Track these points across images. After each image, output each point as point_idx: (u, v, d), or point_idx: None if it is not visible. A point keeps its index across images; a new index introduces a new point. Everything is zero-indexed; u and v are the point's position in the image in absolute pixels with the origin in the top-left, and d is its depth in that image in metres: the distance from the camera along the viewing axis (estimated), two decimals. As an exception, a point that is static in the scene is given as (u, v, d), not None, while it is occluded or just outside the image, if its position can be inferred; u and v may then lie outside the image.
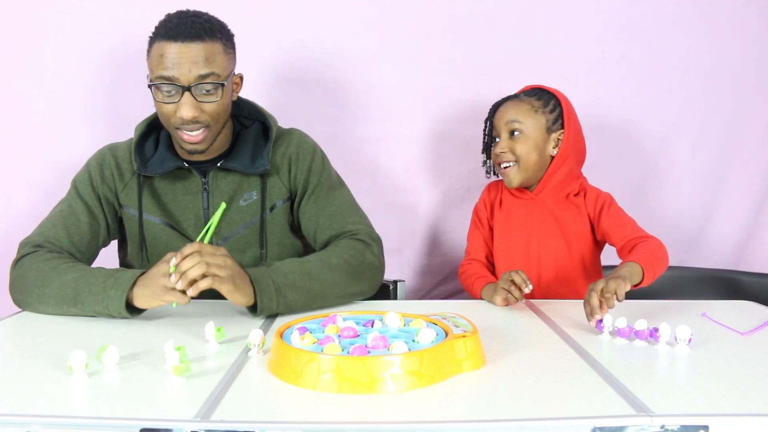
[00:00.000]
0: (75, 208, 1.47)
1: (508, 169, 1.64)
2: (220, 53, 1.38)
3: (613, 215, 1.59)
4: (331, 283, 1.35)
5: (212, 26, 1.37)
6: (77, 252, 1.42)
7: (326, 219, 1.51)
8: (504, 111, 1.65)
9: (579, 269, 1.63)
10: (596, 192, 1.65)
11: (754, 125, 2.03)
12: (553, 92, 1.67)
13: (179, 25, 1.34)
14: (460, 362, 0.98)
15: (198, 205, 1.50)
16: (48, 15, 1.86)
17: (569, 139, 1.63)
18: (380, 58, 1.95)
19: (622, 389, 0.92)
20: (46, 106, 1.89)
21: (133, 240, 1.52)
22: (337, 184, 1.58)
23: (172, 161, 1.48)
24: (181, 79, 1.34)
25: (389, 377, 0.90)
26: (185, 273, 1.16)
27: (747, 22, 1.99)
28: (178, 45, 1.33)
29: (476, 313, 1.36)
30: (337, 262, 1.38)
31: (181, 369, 0.95)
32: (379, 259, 1.48)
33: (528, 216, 1.67)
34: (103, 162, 1.52)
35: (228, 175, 1.50)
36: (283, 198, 1.52)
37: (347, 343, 0.99)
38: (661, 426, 0.81)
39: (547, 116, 1.64)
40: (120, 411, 0.85)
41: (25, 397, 0.90)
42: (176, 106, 1.37)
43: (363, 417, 0.83)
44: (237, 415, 0.83)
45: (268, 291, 1.26)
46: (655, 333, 1.12)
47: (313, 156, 1.55)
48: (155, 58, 1.36)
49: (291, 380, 0.94)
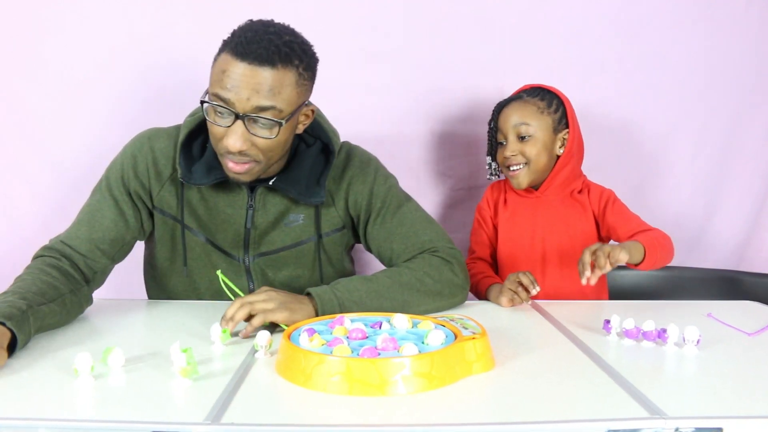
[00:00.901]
0: (102, 203, 1.37)
1: (517, 171, 1.64)
2: (291, 85, 1.21)
3: (617, 210, 1.62)
4: (401, 302, 1.27)
5: (291, 51, 1.20)
6: (96, 249, 1.33)
7: (400, 242, 1.40)
8: (509, 113, 1.65)
9: None
10: (599, 189, 1.66)
11: (754, 125, 2.04)
12: (555, 91, 1.67)
13: (252, 43, 1.17)
14: (470, 364, 0.97)
15: (240, 222, 1.39)
16: (48, 14, 1.84)
17: (574, 138, 1.65)
18: (381, 59, 1.94)
19: (634, 391, 0.91)
20: (46, 106, 1.87)
21: (164, 243, 1.43)
22: (404, 199, 1.46)
23: (220, 171, 1.32)
24: (237, 106, 1.19)
25: (400, 379, 0.90)
26: (232, 318, 1.14)
27: (747, 23, 1.99)
28: (244, 66, 1.17)
29: (481, 314, 1.35)
30: (408, 279, 1.31)
31: (188, 371, 0.94)
32: (459, 276, 1.38)
33: (533, 215, 1.67)
34: (139, 154, 1.38)
35: (277, 195, 1.39)
36: (336, 227, 1.44)
37: (356, 344, 0.98)
38: (676, 428, 0.81)
39: (552, 117, 1.64)
40: (129, 414, 0.84)
41: (32, 400, 0.89)
42: (225, 131, 1.22)
43: (374, 419, 0.83)
44: (247, 418, 0.83)
45: (330, 307, 1.20)
46: (663, 334, 1.12)
47: (374, 177, 1.44)
48: (217, 72, 1.21)
49: (300, 382, 0.93)
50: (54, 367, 1.00)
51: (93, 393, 0.91)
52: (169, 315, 1.34)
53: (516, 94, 1.71)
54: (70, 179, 1.89)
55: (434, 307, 1.34)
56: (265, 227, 1.40)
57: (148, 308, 1.41)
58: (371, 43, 1.93)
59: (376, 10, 1.92)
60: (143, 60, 1.88)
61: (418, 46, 1.95)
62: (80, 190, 1.86)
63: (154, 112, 1.87)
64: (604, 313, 1.29)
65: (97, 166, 1.84)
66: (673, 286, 1.93)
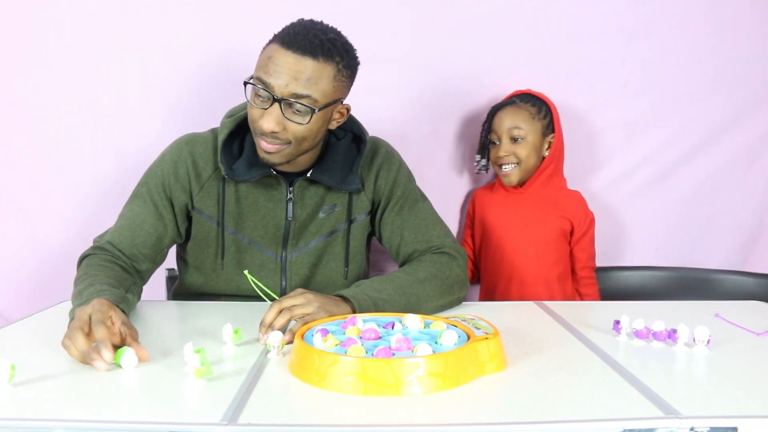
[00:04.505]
0: (142, 209, 1.42)
1: (509, 171, 1.83)
2: (328, 78, 1.28)
3: (588, 240, 1.86)
4: (424, 296, 1.32)
5: (333, 47, 1.28)
6: (139, 254, 1.39)
7: (411, 232, 1.47)
8: (504, 117, 1.83)
9: (555, 263, 1.83)
10: (585, 208, 1.86)
11: (758, 125, 2.04)
12: (544, 98, 1.85)
13: (298, 35, 1.27)
14: (483, 364, 0.98)
15: (280, 215, 1.45)
16: (49, 14, 1.84)
17: (558, 142, 1.85)
18: (382, 59, 1.93)
19: (647, 391, 0.92)
20: (49, 107, 1.87)
21: (197, 242, 1.47)
22: (421, 196, 1.55)
23: (261, 167, 1.40)
24: (276, 90, 1.26)
25: (415, 379, 0.90)
26: (272, 326, 1.14)
27: (751, 23, 1.99)
28: (288, 54, 1.26)
29: (490, 315, 1.35)
30: (424, 275, 1.35)
31: (202, 371, 0.94)
32: (464, 273, 1.44)
33: (517, 208, 1.86)
34: (178, 159, 1.44)
35: (314, 186, 1.46)
36: (365, 211, 1.50)
37: (370, 345, 0.98)
38: (691, 428, 0.81)
39: (541, 122, 1.83)
40: (145, 415, 0.84)
41: (47, 401, 0.89)
42: (262, 113, 1.29)
43: (390, 419, 0.83)
44: (264, 418, 0.83)
45: (366, 306, 1.22)
46: (673, 334, 1.13)
47: (399, 167, 1.53)
48: (263, 58, 1.30)
49: (314, 382, 0.93)
50: (68, 367, 1.00)
51: (109, 394, 0.91)
52: (179, 316, 1.34)
53: (509, 98, 1.87)
54: (72, 180, 1.89)
55: (447, 302, 1.39)
56: (304, 219, 1.46)
57: (158, 309, 1.41)
58: (376, 44, 1.93)
59: (382, 12, 1.92)
60: (146, 60, 1.87)
61: (422, 47, 1.95)
62: (86, 191, 1.89)
63: (162, 117, 1.89)
64: (612, 313, 1.29)
65: (105, 169, 1.84)
66: (679, 287, 1.93)
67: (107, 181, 1.88)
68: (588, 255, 1.86)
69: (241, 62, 1.77)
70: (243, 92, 1.34)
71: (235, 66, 1.83)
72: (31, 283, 1.88)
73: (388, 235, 1.50)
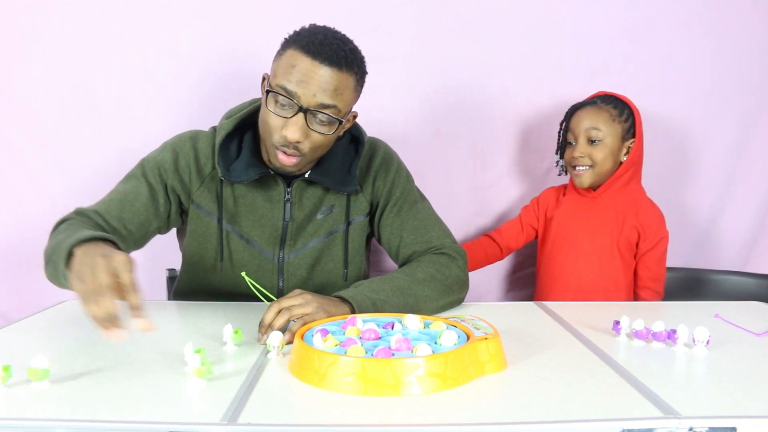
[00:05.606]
0: (136, 186, 1.40)
1: (582, 172, 1.76)
2: (350, 88, 1.30)
3: (658, 256, 1.77)
4: (423, 297, 1.32)
5: (354, 58, 1.29)
6: (123, 229, 1.35)
7: (410, 233, 1.47)
8: (582, 117, 1.76)
9: (618, 274, 1.76)
10: (659, 225, 1.78)
11: (760, 126, 2.04)
12: (627, 101, 1.78)
13: (324, 45, 1.25)
14: (483, 364, 0.98)
15: (278, 216, 1.44)
16: (51, 13, 1.85)
17: (639, 148, 1.77)
18: (383, 59, 1.94)
19: (647, 391, 0.92)
20: (51, 108, 1.88)
21: (195, 238, 1.46)
22: (419, 197, 1.54)
23: (259, 168, 1.39)
24: (302, 100, 1.26)
25: (414, 379, 0.90)
26: (271, 326, 1.13)
27: (753, 23, 2.00)
28: (315, 64, 1.25)
29: (490, 315, 1.35)
30: (423, 276, 1.35)
31: (203, 371, 0.95)
32: (464, 273, 1.44)
33: (586, 213, 1.80)
34: (180, 151, 1.43)
35: (312, 187, 1.45)
36: (363, 213, 1.49)
37: (369, 345, 0.98)
38: (690, 428, 0.81)
39: (622, 125, 1.75)
40: (145, 415, 0.84)
41: (47, 400, 0.89)
42: (285, 122, 1.28)
43: (390, 419, 0.83)
44: (264, 418, 0.83)
45: (365, 306, 1.22)
46: (672, 335, 1.13)
47: (397, 168, 1.52)
48: (285, 65, 1.27)
49: (314, 382, 0.93)
50: (66, 367, 1.00)
51: (109, 394, 0.91)
52: (180, 316, 1.34)
53: (590, 98, 1.81)
54: (74, 180, 1.90)
55: (447, 302, 1.38)
56: (302, 220, 1.45)
57: (158, 309, 1.41)
58: (378, 44, 1.93)
59: (383, 12, 1.92)
60: (147, 60, 1.88)
61: (424, 47, 1.95)
62: (87, 190, 1.89)
63: (162, 115, 1.89)
64: (611, 314, 1.29)
65: (105, 166, 1.85)
66: (679, 287, 1.93)
67: (109, 182, 1.87)
68: (651, 275, 1.78)
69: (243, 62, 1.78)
70: (244, 92, 1.34)
71: (236, 66, 1.84)
72: (31, 283, 1.88)
73: (387, 237, 1.50)
